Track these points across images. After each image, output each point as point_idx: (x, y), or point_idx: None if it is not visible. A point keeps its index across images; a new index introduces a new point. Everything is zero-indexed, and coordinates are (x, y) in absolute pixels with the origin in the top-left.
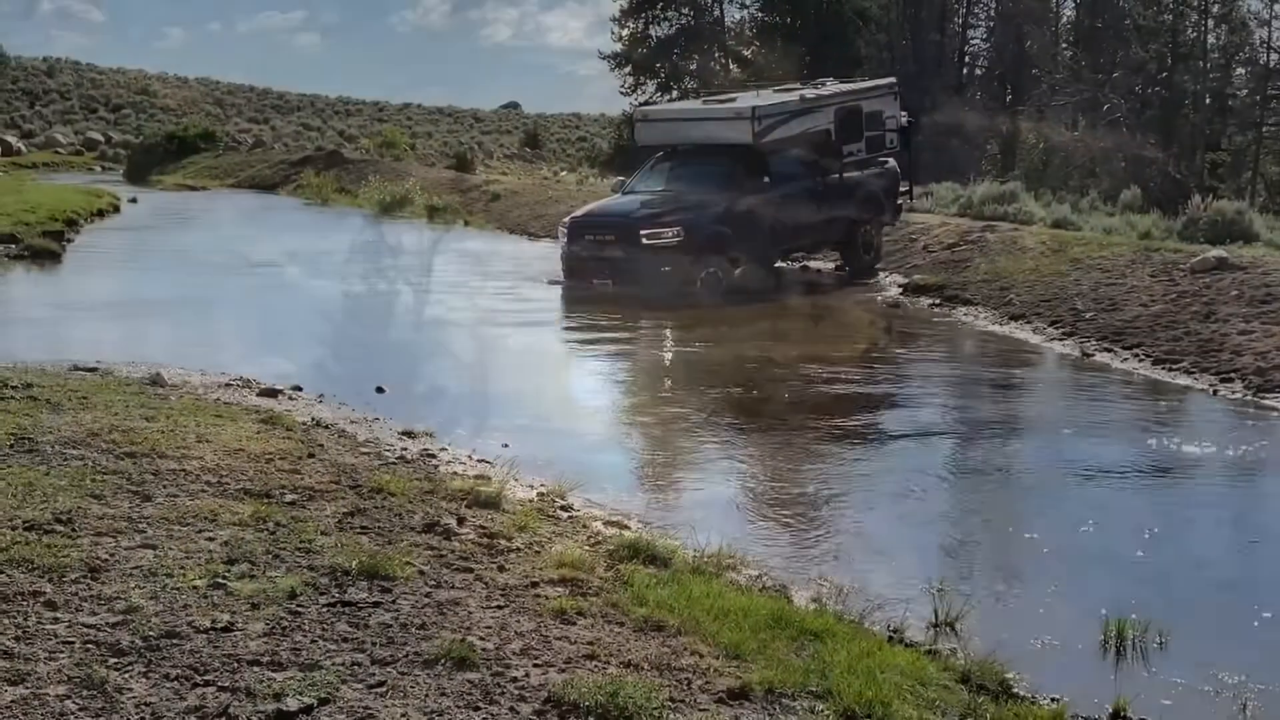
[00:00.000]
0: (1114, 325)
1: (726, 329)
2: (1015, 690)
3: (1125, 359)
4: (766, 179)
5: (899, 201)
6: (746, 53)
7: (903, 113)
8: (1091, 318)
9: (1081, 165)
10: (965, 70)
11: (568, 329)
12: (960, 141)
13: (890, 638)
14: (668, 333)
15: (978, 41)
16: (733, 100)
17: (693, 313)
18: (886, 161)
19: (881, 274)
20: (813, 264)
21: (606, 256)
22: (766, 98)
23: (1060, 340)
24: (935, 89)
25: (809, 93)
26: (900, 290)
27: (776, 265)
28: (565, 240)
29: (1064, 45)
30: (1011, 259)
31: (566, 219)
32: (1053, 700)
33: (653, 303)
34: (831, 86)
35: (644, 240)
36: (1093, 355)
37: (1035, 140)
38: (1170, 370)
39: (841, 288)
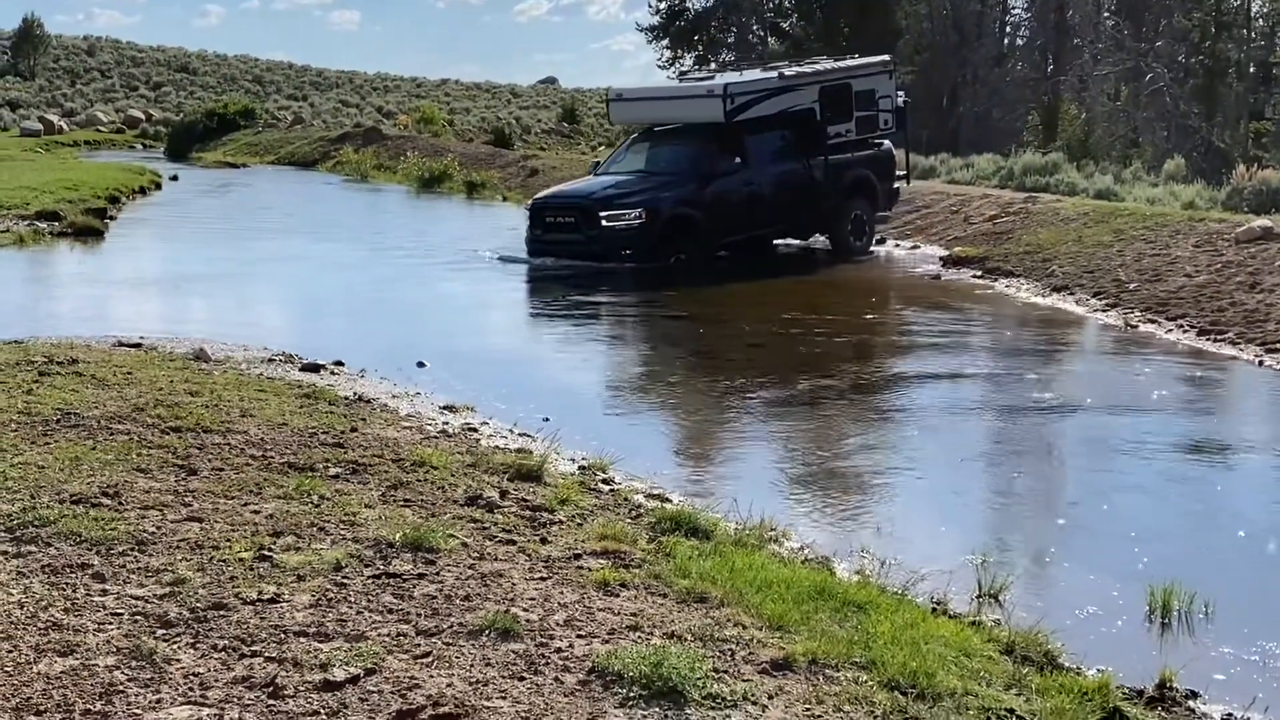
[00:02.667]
0: (1158, 296)
1: (755, 304)
2: (1060, 661)
3: (1170, 330)
4: (738, 159)
5: (894, 186)
6: (785, 25)
7: (899, 92)
8: (1135, 289)
9: (1124, 135)
10: (1006, 40)
11: (612, 305)
12: (1001, 112)
13: (934, 609)
14: (694, 307)
15: (1019, 11)
16: (710, 79)
17: (711, 290)
18: (881, 143)
19: (878, 249)
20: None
21: (567, 240)
22: (743, 75)
23: (1104, 311)
24: (976, 59)
25: (789, 70)
26: (940, 262)
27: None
28: (527, 223)
29: (1106, 14)
30: (1054, 230)
31: (529, 201)
32: (1098, 671)
33: (678, 278)
34: (820, 64)
35: (604, 222)
36: (1137, 326)
37: (1077, 110)
38: (1215, 341)
39: (871, 263)
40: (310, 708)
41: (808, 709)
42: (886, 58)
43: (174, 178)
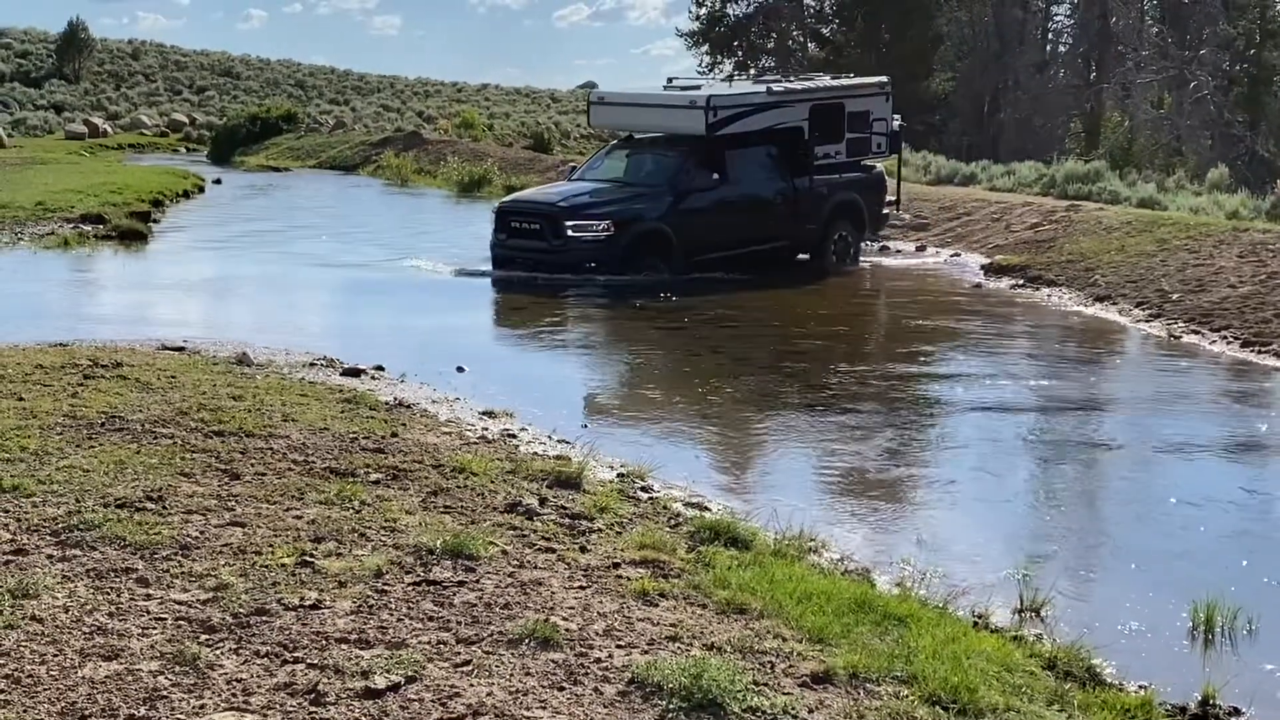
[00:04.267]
0: (1201, 307)
1: (793, 312)
2: (1102, 677)
3: (1213, 341)
4: (717, 175)
5: (884, 211)
6: (826, 31)
7: (895, 115)
8: (1178, 299)
9: (1168, 144)
10: (1049, 47)
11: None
12: (1043, 119)
13: (975, 623)
14: (738, 313)
15: (1061, 18)
16: (696, 88)
17: (751, 295)
18: (874, 167)
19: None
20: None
21: (531, 248)
22: (730, 88)
23: (1146, 322)
24: (1018, 66)
25: (778, 85)
26: (981, 271)
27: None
28: (493, 227)
29: (1150, 21)
30: (1096, 239)
31: (496, 204)
32: (1140, 688)
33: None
34: (813, 81)
35: (569, 232)
36: (1180, 337)
37: (1120, 118)
38: (1260, 352)
39: (912, 272)
40: (352, 715)
41: None
42: (884, 79)
43: (217, 181)
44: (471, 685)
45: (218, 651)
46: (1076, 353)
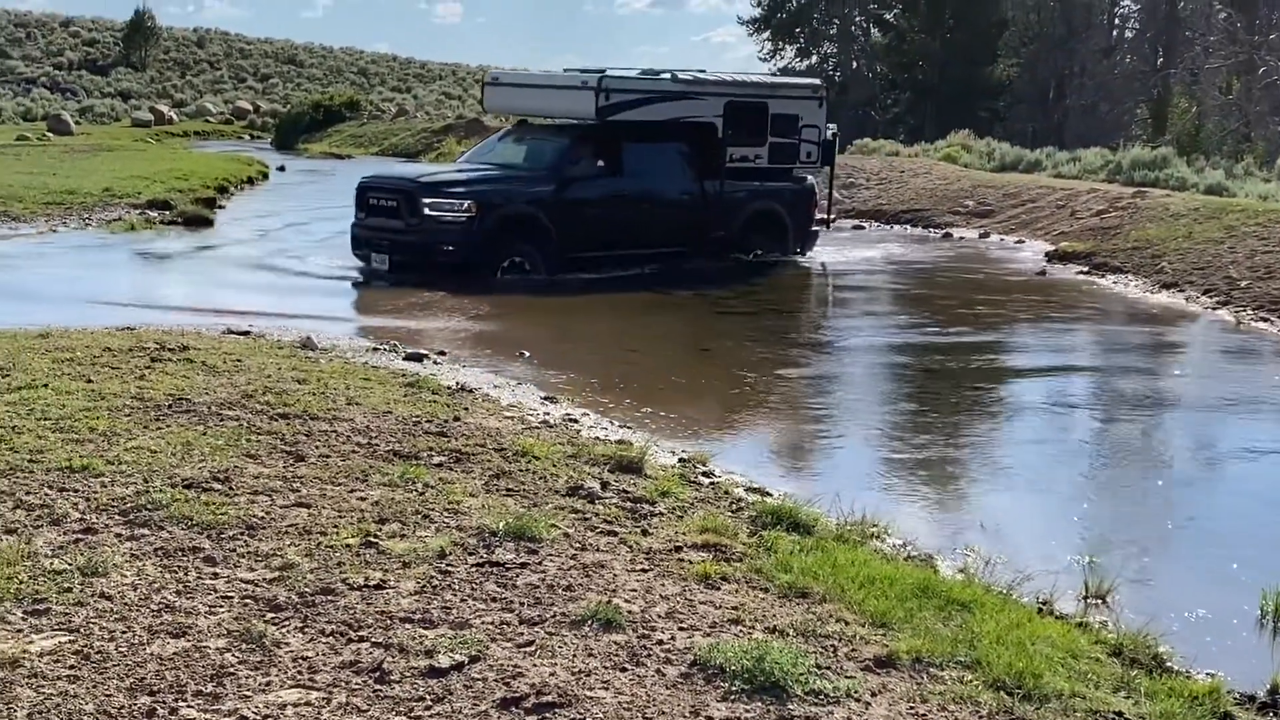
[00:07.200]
0: (1270, 293)
1: (855, 299)
2: (1169, 664)
3: None
4: (604, 164)
5: (813, 229)
6: (889, 16)
7: (829, 125)
8: (1247, 286)
9: (1236, 130)
10: (1115, 32)
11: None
12: (1109, 105)
13: (1040, 609)
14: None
15: (1128, 2)
16: (600, 73)
17: (814, 281)
18: (805, 178)
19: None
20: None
21: (387, 227)
22: (630, 73)
23: (1214, 309)
24: (1084, 51)
25: (685, 74)
26: (1046, 258)
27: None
28: (355, 206)
29: (1218, 5)
30: (1163, 226)
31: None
32: (1208, 675)
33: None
34: (730, 76)
35: (426, 211)
36: (1248, 324)
37: (1188, 104)
38: None
39: (975, 257)
40: (416, 693)
41: (911, 707)
42: (817, 82)
43: (281, 168)
44: (534, 665)
45: (283, 630)
46: (1143, 339)
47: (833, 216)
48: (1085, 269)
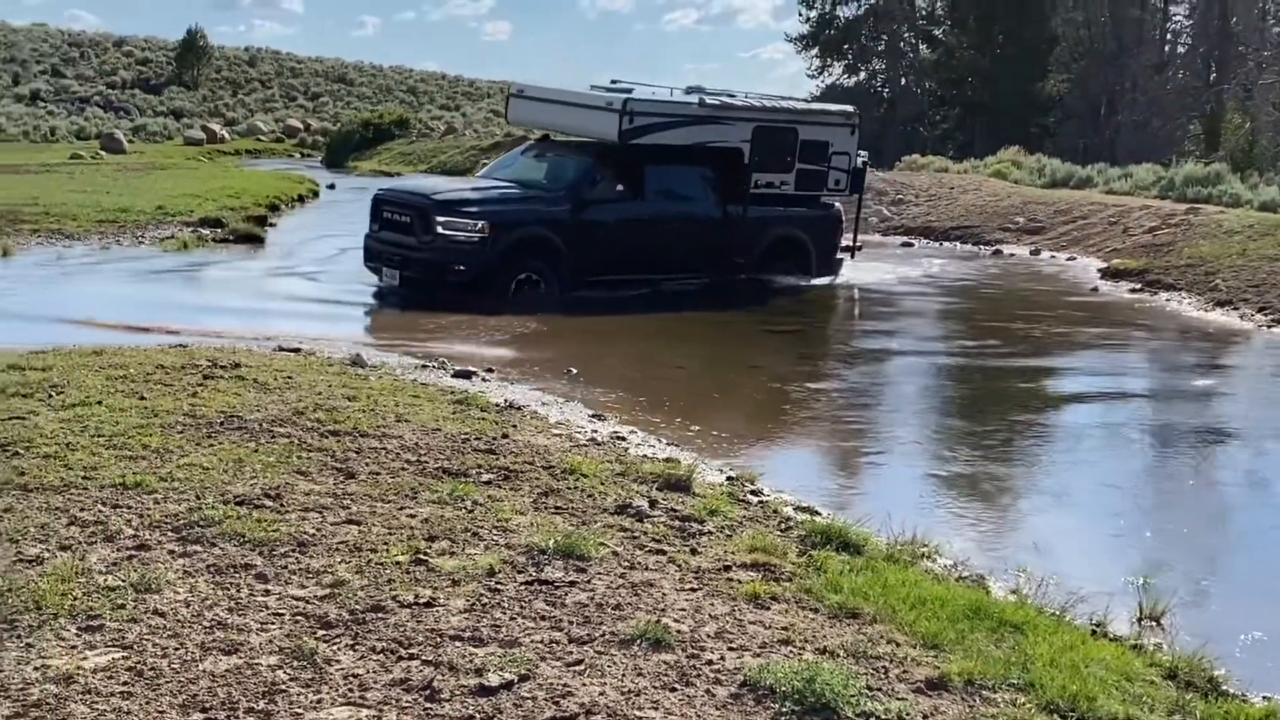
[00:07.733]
0: None
1: (911, 318)
2: (1225, 687)
3: None
4: (624, 187)
5: (837, 257)
6: (938, 32)
7: (860, 152)
8: None
9: None
10: (1167, 48)
11: (750, 317)
12: (1161, 121)
13: (1093, 631)
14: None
15: (1180, 18)
16: (628, 91)
17: (867, 297)
18: (831, 205)
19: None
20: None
21: (400, 243)
22: (657, 94)
23: (1269, 327)
24: (1135, 67)
25: (712, 98)
26: (1099, 274)
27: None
28: (370, 218)
29: (1271, 20)
30: (1217, 243)
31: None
32: (1264, 699)
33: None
34: (763, 100)
35: (439, 229)
36: None
37: (1241, 120)
38: None
39: (1028, 275)
40: (466, 711)
41: None
42: (850, 109)
43: (331, 186)
44: (584, 685)
45: (334, 647)
46: (1198, 357)
47: (859, 244)
48: (1138, 286)
